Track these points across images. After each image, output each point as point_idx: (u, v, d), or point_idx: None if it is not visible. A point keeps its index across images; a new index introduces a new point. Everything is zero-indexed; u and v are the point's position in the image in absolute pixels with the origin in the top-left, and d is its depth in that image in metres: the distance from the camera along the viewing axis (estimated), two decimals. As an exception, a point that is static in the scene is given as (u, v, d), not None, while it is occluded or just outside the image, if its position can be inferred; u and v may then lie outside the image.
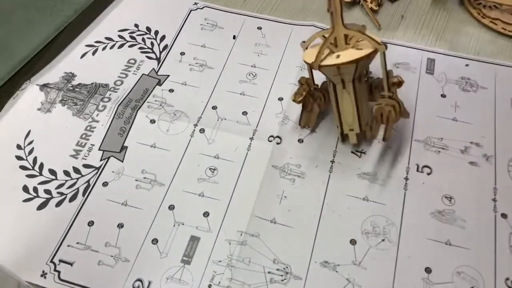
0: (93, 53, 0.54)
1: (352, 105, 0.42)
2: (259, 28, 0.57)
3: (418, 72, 0.52)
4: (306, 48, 0.43)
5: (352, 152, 0.46)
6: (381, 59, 0.40)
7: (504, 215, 0.42)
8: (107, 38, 0.56)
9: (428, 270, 0.40)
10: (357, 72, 0.40)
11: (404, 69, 0.53)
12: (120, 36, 0.56)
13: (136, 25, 0.57)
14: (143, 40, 0.56)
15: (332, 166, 0.45)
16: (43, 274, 0.40)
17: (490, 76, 0.52)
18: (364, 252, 0.40)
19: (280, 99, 0.50)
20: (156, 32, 0.56)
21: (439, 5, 0.59)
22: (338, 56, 0.39)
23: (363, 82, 0.43)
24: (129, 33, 0.56)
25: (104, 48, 0.55)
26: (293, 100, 0.45)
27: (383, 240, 0.41)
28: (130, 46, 0.55)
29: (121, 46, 0.55)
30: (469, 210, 0.43)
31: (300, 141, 0.47)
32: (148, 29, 0.57)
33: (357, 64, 0.39)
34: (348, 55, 0.39)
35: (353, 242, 0.41)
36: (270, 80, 0.52)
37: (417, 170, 0.45)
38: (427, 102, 0.50)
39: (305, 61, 0.41)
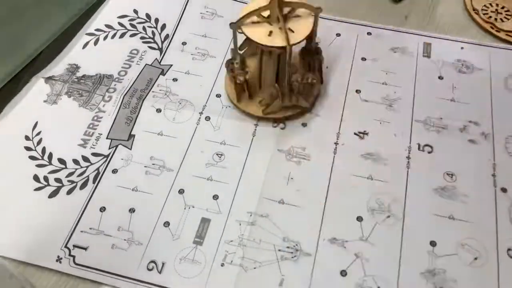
0: (95, 43, 0.55)
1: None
2: (259, 17, 0.58)
3: (416, 56, 0.54)
4: (239, 28, 0.43)
5: (354, 133, 0.48)
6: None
7: (503, 189, 0.44)
8: (107, 26, 0.57)
9: (433, 244, 0.41)
10: None
11: (401, 53, 0.54)
12: (120, 24, 0.57)
13: (136, 11, 0.58)
14: (144, 29, 0.57)
15: (336, 148, 0.47)
16: (58, 259, 0.40)
17: (485, 58, 0.54)
18: (370, 228, 0.42)
19: (282, 85, 0.51)
20: (156, 20, 0.57)
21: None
22: (292, 30, 0.42)
23: None
24: (129, 20, 0.57)
25: (105, 38, 0.56)
26: (238, 83, 0.46)
27: (388, 216, 0.42)
28: (132, 35, 0.56)
29: (122, 35, 0.56)
30: (470, 186, 0.44)
31: (304, 125, 0.48)
32: (148, 16, 0.58)
33: None
34: (302, 27, 0.42)
35: (359, 219, 0.42)
36: (271, 67, 0.53)
37: (419, 149, 0.46)
38: (425, 84, 0.51)
39: (267, 45, 0.41)
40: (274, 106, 0.47)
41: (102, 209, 0.43)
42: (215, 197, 0.44)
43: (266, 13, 0.42)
